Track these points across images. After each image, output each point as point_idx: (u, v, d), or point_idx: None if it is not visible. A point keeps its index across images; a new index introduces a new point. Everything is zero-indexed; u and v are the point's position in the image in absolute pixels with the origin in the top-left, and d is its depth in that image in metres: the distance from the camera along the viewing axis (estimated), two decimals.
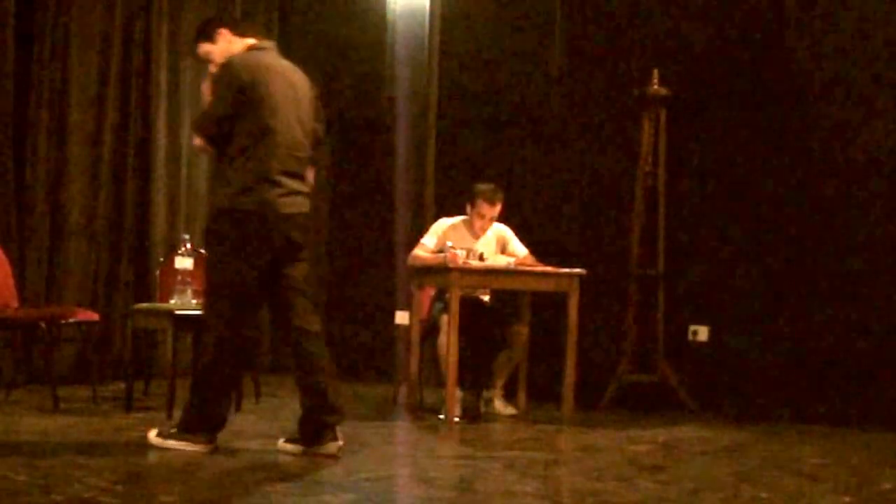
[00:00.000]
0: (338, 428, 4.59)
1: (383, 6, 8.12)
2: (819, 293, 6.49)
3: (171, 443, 4.59)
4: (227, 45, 4.70)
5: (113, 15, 7.29)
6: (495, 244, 6.45)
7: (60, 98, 7.02)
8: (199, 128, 4.65)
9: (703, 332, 6.81)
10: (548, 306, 6.64)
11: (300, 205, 4.67)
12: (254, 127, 4.53)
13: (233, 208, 4.53)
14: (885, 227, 6.33)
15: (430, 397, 6.42)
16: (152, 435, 4.67)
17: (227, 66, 4.59)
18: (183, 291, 5.77)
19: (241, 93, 4.51)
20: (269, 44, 4.78)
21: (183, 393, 5.98)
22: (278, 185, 4.56)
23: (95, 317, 6.34)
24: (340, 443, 4.58)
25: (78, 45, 7.07)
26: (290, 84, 4.65)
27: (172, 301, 5.80)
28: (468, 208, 6.39)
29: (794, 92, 6.63)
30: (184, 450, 4.53)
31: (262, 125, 4.53)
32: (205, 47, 4.77)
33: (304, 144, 4.71)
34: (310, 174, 4.85)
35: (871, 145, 6.41)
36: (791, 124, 6.63)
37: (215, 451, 4.57)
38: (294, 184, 4.64)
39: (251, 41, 4.72)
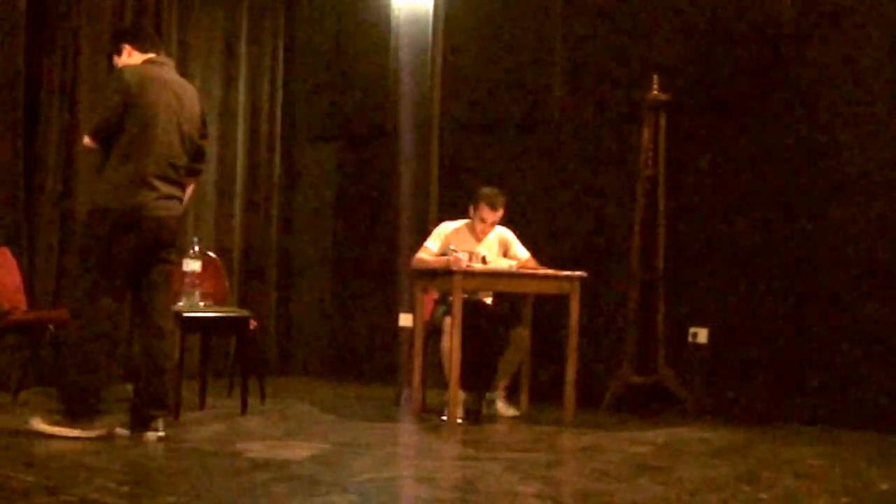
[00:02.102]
0: (161, 420, 4.95)
1: (387, 13, 8.16)
2: (817, 295, 6.52)
3: (56, 429, 4.81)
4: (128, 59, 5.09)
5: (122, 21, 7.36)
6: (497, 247, 6.49)
7: (70, 104, 7.08)
8: (93, 131, 4.97)
9: (702, 334, 6.83)
10: (549, 309, 6.68)
11: (172, 208, 4.98)
12: (135, 131, 4.86)
13: (107, 207, 4.84)
14: (883, 229, 6.35)
15: (433, 399, 6.44)
16: (36, 421, 4.87)
17: (117, 74, 4.98)
18: (191, 293, 5.80)
19: (126, 97, 4.85)
20: (165, 60, 5.17)
21: (189, 394, 6.08)
22: (153, 188, 4.88)
23: None
24: (161, 433, 4.91)
25: (88, 52, 7.13)
26: (176, 96, 4.99)
27: (180, 303, 5.83)
28: (471, 212, 6.43)
29: (791, 97, 6.66)
30: (65, 436, 4.77)
31: (142, 130, 4.86)
32: (115, 60, 5.18)
33: (182, 153, 5.00)
34: (189, 184, 5.13)
35: (869, 148, 6.43)
36: (789, 129, 6.66)
37: (103, 437, 4.80)
38: (168, 188, 4.94)
39: (151, 55, 5.09)
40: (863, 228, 6.40)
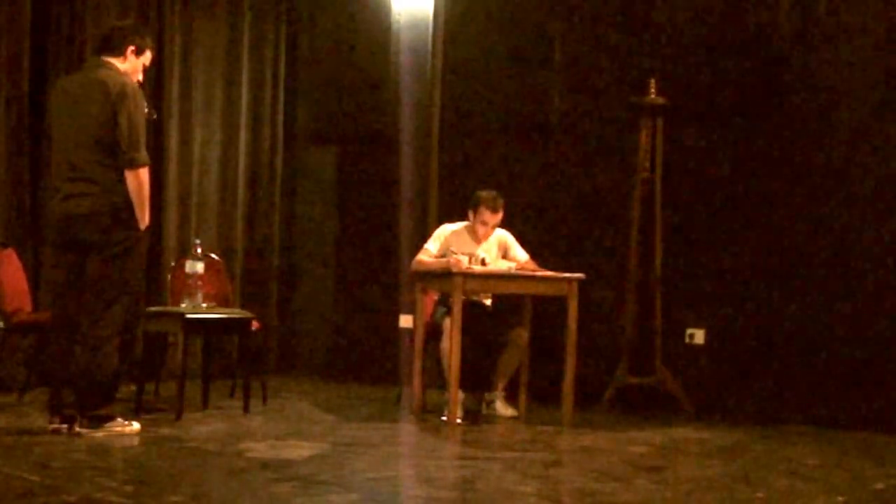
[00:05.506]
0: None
1: (388, 17, 8.19)
2: (814, 296, 6.55)
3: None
4: None
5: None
6: (497, 249, 6.53)
7: None
8: None
9: (699, 335, 6.88)
10: (548, 310, 6.71)
11: (80, 205, 5.00)
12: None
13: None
14: (881, 231, 6.39)
15: (432, 399, 6.47)
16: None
17: None
18: (193, 295, 5.84)
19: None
20: (93, 61, 5.24)
21: (192, 394, 6.13)
22: (58, 190, 5.09)
23: None
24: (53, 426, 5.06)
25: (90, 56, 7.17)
26: (79, 95, 5.04)
27: (183, 304, 5.87)
28: (470, 214, 6.46)
29: (788, 100, 6.69)
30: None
31: (51, 141, 5.20)
32: None
33: (83, 147, 4.99)
34: (132, 176, 4.99)
35: (865, 152, 6.48)
36: (786, 132, 6.70)
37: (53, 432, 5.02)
38: (72, 187, 5.02)
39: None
40: (859, 229, 6.44)
